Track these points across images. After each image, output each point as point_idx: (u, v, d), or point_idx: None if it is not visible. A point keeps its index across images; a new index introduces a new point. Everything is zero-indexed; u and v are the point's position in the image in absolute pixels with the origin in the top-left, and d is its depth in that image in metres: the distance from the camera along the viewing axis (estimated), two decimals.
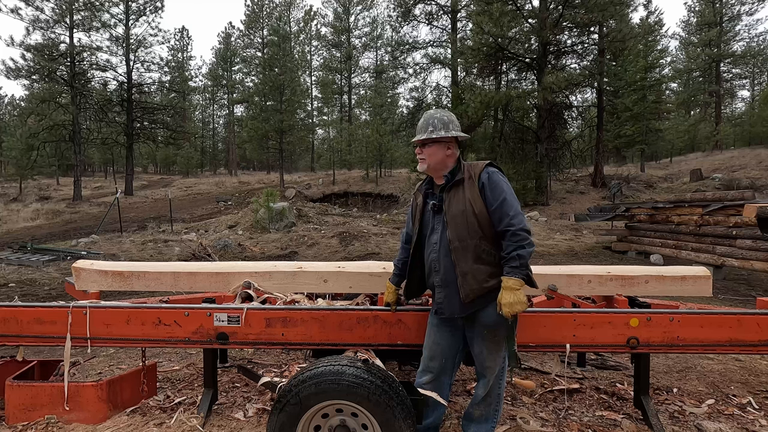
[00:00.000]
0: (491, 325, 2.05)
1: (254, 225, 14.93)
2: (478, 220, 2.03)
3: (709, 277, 2.84)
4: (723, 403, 2.94)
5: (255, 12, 43.55)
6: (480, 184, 2.07)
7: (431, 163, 2.17)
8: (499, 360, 2.11)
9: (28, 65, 25.93)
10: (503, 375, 2.16)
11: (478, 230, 2.03)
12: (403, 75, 37.06)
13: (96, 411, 2.55)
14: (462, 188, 2.10)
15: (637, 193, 23.32)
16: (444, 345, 2.20)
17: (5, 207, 22.99)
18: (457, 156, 2.20)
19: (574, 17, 21.79)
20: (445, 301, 2.13)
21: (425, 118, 2.21)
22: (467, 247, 2.04)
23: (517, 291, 1.93)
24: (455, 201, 2.09)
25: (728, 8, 37.76)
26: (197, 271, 2.86)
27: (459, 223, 2.06)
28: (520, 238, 1.95)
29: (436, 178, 2.23)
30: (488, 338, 2.08)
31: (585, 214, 15.96)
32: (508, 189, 2.07)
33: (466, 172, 2.13)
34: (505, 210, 2.00)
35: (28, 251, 10.53)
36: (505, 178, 2.12)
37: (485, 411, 2.17)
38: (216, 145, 58.10)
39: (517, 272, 1.94)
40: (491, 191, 2.05)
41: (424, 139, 2.15)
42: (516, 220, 1.98)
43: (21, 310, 2.49)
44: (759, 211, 6.61)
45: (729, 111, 48.57)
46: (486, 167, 2.12)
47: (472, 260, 2.03)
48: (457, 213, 2.06)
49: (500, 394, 2.18)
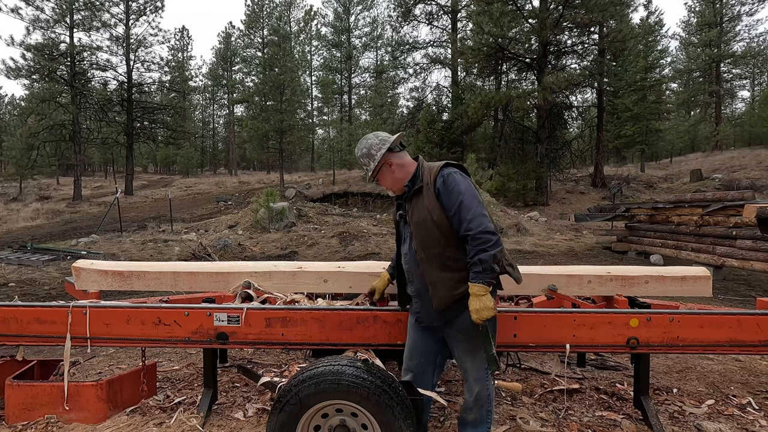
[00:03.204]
0: (467, 329, 2.02)
1: (254, 225, 14.92)
2: (438, 228, 1.98)
3: (709, 278, 2.84)
4: (723, 404, 2.94)
5: (255, 12, 43.53)
6: (436, 190, 2.01)
7: (388, 186, 2.19)
8: (479, 363, 2.09)
9: (28, 65, 25.94)
10: (488, 377, 2.12)
11: (439, 238, 1.99)
12: (403, 75, 37.12)
13: (96, 411, 2.55)
14: (422, 196, 2.04)
15: (637, 193, 23.34)
16: (421, 345, 2.22)
17: (5, 207, 23.00)
18: (407, 164, 2.16)
19: (574, 17, 21.80)
20: (422, 310, 2.15)
21: (357, 158, 2.22)
22: (431, 256, 2.01)
23: (482, 297, 1.89)
24: (416, 210, 2.05)
25: (728, 8, 37.77)
26: (197, 271, 2.86)
27: (421, 233, 2.02)
28: (481, 242, 1.88)
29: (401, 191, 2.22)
30: (465, 342, 2.07)
31: (585, 215, 15.97)
32: (467, 189, 1.97)
33: (424, 178, 2.07)
34: (463, 215, 1.93)
35: (28, 251, 10.53)
36: (464, 177, 2.04)
37: (477, 414, 2.16)
38: (216, 145, 58.13)
39: (480, 278, 1.89)
40: (447, 196, 1.98)
41: (369, 177, 2.20)
42: (474, 223, 1.90)
43: (21, 310, 2.49)
44: (759, 212, 6.61)
45: (729, 111, 48.59)
46: (441, 170, 2.04)
47: (438, 269, 2.00)
48: (419, 222, 2.03)
49: (489, 395, 2.16)
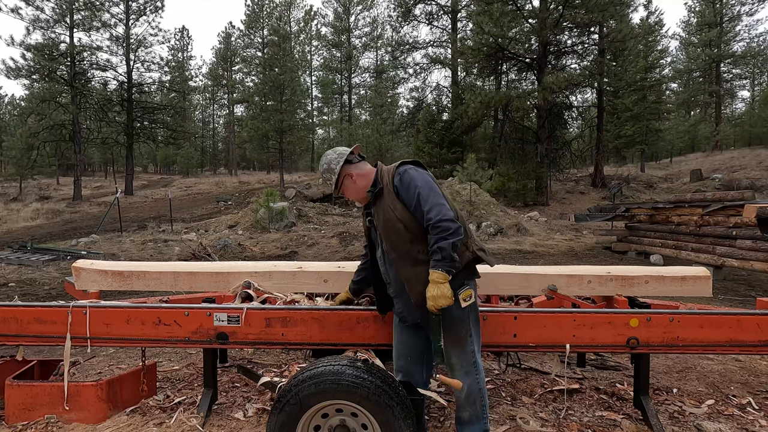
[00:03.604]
0: (447, 320, 2.04)
1: (254, 225, 14.93)
2: (404, 224, 2.03)
3: (709, 278, 2.84)
4: (723, 404, 2.94)
5: (255, 12, 43.52)
6: (394, 188, 2.06)
7: (353, 197, 2.24)
8: (466, 356, 2.09)
9: (29, 65, 25.94)
10: (477, 370, 2.12)
11: (406, 234, 2.03)
12: (403, 75, 37.19)
13: (96, 411, 2.55)
14: (383, 197, 2.10)
15: (637, 193, 23.34)
16: (408, 344, 2.25)
17: (5, 206, 23.00)
18: (367, 172, 2.21)
19: (574, 17, 21.81)
20: (404, 309, 2.17)
21: (321, 174, 2.27)
22: (402, 253, 2.05)
23: (441, 285, 1.92)
24: (381, 212, 2.10)
25: (728, 8, 37.77)
26: (197, 271, 2.86)
27: (389, 233, 2.07)
28: (440, 230, 1.93)
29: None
30: (448, 334, 2.08)
31: (585, 215, 15.97)
32: (423, 182, 2.03)
33: (383, 180, 2.13)
34: (422, 206, 1.98)
35: (28, 251, 10.53)
36: (419, 171, 2.09)
37: (472, 411, 2.14)
38: (216, 145, 58.13)
39: (439, 265, 1.92)
40: (405, 192, 2.03)
41: (333, 191, 2.24)
42: (433, 212, 1.95)
43: (21, 310, 2.49)
44: (759, 212, 6.61)
45: (729, 111, 48.58)
46: (397, 169, 2.11)
47: (410, 265, 2.04)
48: (385, 222, 2.07)
49: (481, 389, 2.14)
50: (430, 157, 25.41)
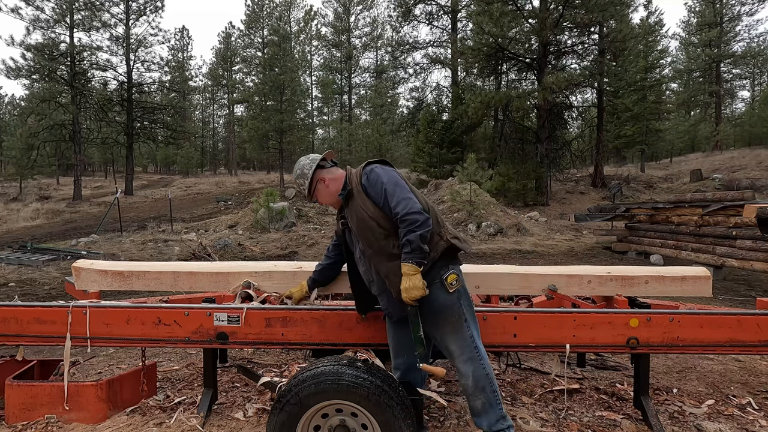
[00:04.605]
0: (438, 308, 2.06)
1: (254, 225, 14.92)
2: (376, 221, 2.06)
3: (709, 278, 2.83)
4: (723, 404, 2.93)
5: (255, 12, 43.51)
6: (363, 188, 2.11)
7: (326, 202, 2.29)
8: (465, 342, 2.08)
9: (29, 65, 25.95)
10: (480, 355, 2.10)
11: (380, 231, 2.06)
12: (403, 75, 37.18)
13: (96, 411, 2.55)
14: (354, 198, 2.14)
15: (637, 193, 23.34)
16: (402, 340, 2.25)
17: (5, 206, 23.00)
18: (339, 176, 2.24)
19: (574, 17, 21.81)
20: (389, 305, 2.18)
21: (294, 181, 2.31)
22: (378, 250, 2.08)
23: (412, 276, 1.95)
24: (353, 212, 2.13)
25: (728, 9, 37.77)
26: (197, 271, 2.85)
27: (363, 231, 2.10)
28: (408, 223, 1.96)
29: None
30: (442, 321, 2.09)
31: (585, 215, 15.96)
32: (389, 179, 2.07)
33: (353, 182, 2.17)
34: (389, 202, 2.02)
35: (28, 251, 10.53)
36: (385, 169, 2.14)
37: (484, 397, 2.10)
38: (216, 144, 58.13)
39: (409, 257, 1.95)
40: (373, 190, 2.08)
41: (307, 196, 2.29)
42: (400, 207, 1.98)
43: (21, 310, 2.49)
44: (759, 212, 6.61)
45: (729, 111, 48.58)
46: (363, 169, 2.16)
47: (387, 260, 2.07)
48: (359, 222, 2.11)
49: (489, 374, 2.11)
50: (430, 157, 25.40)
